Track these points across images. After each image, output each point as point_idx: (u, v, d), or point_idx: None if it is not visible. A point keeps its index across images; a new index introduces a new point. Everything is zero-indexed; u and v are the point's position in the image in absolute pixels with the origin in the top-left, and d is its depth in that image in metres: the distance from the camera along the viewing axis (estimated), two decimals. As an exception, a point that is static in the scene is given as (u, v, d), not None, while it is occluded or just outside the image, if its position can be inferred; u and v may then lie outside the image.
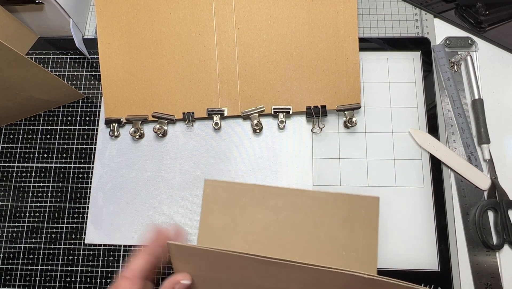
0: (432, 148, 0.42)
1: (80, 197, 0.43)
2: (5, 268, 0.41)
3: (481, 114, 0.42)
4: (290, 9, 0.43)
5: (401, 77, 0.45)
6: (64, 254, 0.41)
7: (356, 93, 0.42)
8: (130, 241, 0.41)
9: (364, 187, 0.42)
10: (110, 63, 0.44)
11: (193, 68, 0.43)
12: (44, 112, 0.46)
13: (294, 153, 0.43)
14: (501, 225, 0.39)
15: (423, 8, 0.47)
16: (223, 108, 0.43)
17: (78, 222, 0.42)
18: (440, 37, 0.46)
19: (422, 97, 0.44)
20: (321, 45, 0.43)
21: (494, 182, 0.41)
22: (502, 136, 0.43)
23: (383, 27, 0.47)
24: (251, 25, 0.43)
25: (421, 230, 0.40)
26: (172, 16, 0.43)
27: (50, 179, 0.43)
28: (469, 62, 0.44)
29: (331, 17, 0.42)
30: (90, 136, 0.45)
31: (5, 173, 0.44)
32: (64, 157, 0.44)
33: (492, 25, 0.46)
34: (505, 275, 0.38)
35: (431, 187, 0.41)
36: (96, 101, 0.46)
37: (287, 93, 0.43)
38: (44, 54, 0.47)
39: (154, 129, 0.43)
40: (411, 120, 0.43)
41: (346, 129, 0.44)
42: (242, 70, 0.43)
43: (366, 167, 0.42)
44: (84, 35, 0.48)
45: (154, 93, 0.44)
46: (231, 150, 0.43)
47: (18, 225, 0.42)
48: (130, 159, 0.43)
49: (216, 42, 0.43)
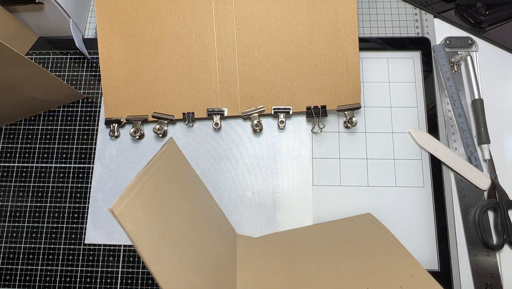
0: (432, 148, 0.42)
1: (80, 197, 0.43)
2: (5, 268, 0.41)
3: (481, 114, 0.42)
4: (290, 9, 0.43)
5: (401, 77, 0.45)
6: (64, 254, 0.41)
7: (356, 93, 0.42)
8: (130, 241, 0.41)
9: (364, 187, 0.42)
10: (110, 63, 0.44)
11: (193, 69, 0.43)
12: (44, 112, 0.46)
13: (294, 153, 0.43)
14: (501, 225, 0.39)
15: (423, 8, 0.47)
16: (223, 109, 0.43)
17: (78, 222, 0.42)
18: (440, 37, 0.46)
19: (422, 97, 0.44)
20: (321, 45, 0.43)
21: (494, 182, 0.41)
22: (502, 136, 0.43)
23: (383, 27, 0.47)
24: (251, 25, 0.43)
25: (421, 230, 0.40)
26: (172, 16, 0.43)
27: (50, 179, 0.43)
28: (469, 62, 0.44)
29: (331, 17, 0.42)
30: (90, 136, 0.45)
31: (5, 173, 0.44)
32: (64, 157, 0.44)
33: (492, 25, 0.46)
34: (505, 275, 0.38)
35: (431, 187, 0.41)
36: (96, 101, 0.46)
37: (287, 94, 0.43)
38: (44, 54, 0.47)
39: (154, 129, 0.43)
40: (411, 120, 0.43)
41: (346, 129, 0.44)
42: (242, 70, 0.43)
43: (366, 167, 0.42)
44: (84, 35, 0.48)
45: (154, 94, 0.44)
46: (231, 149, 0.43)
47: (18, 225, 0.42)
48: (130, 159, 0.43)
49: (216, 42, 0.43)
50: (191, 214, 0.30)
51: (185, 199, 0.31)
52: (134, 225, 0.23)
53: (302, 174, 0.42)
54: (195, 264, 0.27)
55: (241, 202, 0.41)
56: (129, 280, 0.40)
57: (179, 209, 0.29)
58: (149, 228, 0.24)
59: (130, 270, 0.40)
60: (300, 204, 0.41)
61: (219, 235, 0.35)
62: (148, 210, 0.25)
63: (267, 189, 0.42)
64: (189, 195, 0.32)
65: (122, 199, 0.23)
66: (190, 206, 0.31)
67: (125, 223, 0.22)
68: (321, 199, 0.41)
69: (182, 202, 0.30)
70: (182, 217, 0.28)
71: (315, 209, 0.41)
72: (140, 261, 0.40)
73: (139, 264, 0.40)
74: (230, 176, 0.42)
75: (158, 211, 0.26)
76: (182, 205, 0.30)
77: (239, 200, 0.42)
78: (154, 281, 0.39)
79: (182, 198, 0.31)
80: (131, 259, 0.40)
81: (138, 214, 0.24)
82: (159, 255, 0.24)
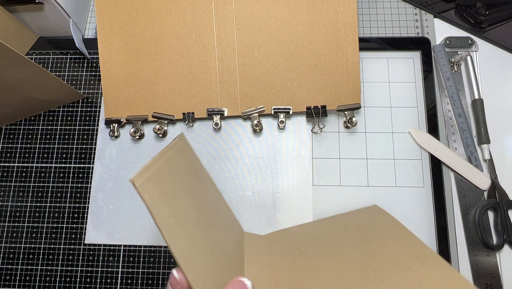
0: (432, 148, 0.42)
1: (80, 197, 0.43)
2: (5, 268, 0.41)
3: (481, 114, 0.42)
4: (290, 9, 0.43)
5: (401, 77, 0.45)
6: (64, 254, 0.41)
7: (356, 93, 0.42)
8: (130, 241, 0.41)
9: (364, 187, 0.42)
10: (110, 63, 0.44)
11: (193, 69, 0.43)
12: (44, 112, 0.46)
13: (294, 153, 0.43)
14: (501, 225, 0.39)
15: (423, 8, 0.47)
16: (223, 109, 0.43)
17: (78, 222, 0.42)
18: (440, 37, 0.46)
19: (422, 97, 0.44)
20: (321, 45, 0.43)
21: (494, 182, 0.41)
22: (502, 136, 0.43)
23: (383, 27, 0.47)
24: (251, 25, 0.43)
25: (421, 230, 0.40)
26: (172, 16, 0.43)
27: (50, 179, 0.43)
28: (469, 62, 0.44)
29: (331, 17, 0.42)
30: (90, 136, 0.45)
31: (5, 173, 0.44)
32: (64, 157, 0.44)
33: (492, 25, 0.46)
34: (505, 275, 0.38)
35: (431, 187, 0.41)
36: (96, 101, 0.46)
37: (287, 93, 0.43)
38: (44, 54, 0.47)
39: (154, 129, 0.43)
40: (411, 120, 0.43)
41: (346, 129, 0.44)
42: (242, 70, 0.43)
43: (366, 167, 0.42)
44: (84, 35, 0.48)
45: (154, 94, 0.44)
46: (231, 149, 0.43)
47: (18, 225, 0.42)
48: (130, 159, 0.43)
49: (216, 43, 0.43)
50: (202, 204, 0.31)
51: (197, 189, 0.31)
52: (152, 199, 0.23)
53: (302, 174, 0.42)
54: (207, 248, 0.27)
55: (241, 202, 0.41)
56: (129, 280, 0.40)
57: (192, 197, 0.29)
58: (165, 207, 0.24)
59: (130, 270, 0.40)
60: (300, 204, 0.41)
61: (228, 228, 0.35)
62: (164, 190, 0.25)
63: (267, 189, 0.42)
64: (200, 186, 0.33)
65: (142, 173, 0.23)
66: (201, 197, 0.31)
67: (145, 196, 0.22)
68: (321, 199, 0.41)
69: (194, 192, 0.30)
70: (193, 205, 0.29)
71: (315, 209, 0.41)
72: (140, 261, 0.40)
73: (139, 264, 0.40)
74: (230, 176, 0.42)
75: (171, 195, 0.26)
76: (194, 194, 0.30)
77: (239, 200, 0.42)
78: (154, 281, 0.39)
79: (194, 187, 0.31)
80: (131, 259, 0.40)
81: (155, 191, 0.24)
82: (174, 232, 0.24)
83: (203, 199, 0.32)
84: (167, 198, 0.25)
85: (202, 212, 0.30)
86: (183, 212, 0.26)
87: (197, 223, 0.28)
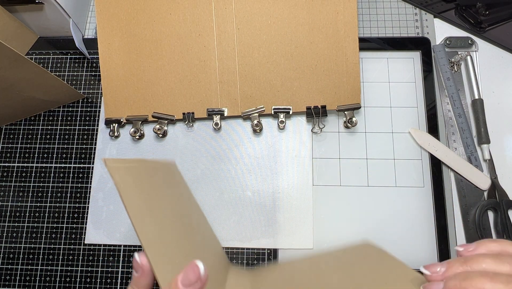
0: (432, 148, 0.42)
1: (80, 197, 0.43)
2: (5, 268, 0.41)
3: (481, 114, 0.42)
4: (290, 9, 0.43)
5: (401, 77, 0.45)
6: (64, 254, 0.41)
7: (356, 93, 0.42)
8: (130, 241, 0.41)
9: (364, 187, 0.42)
10: (110, 63, 0.44)
11: (193, 69, 0.43)
12: (44, 112, 0.46)
13: (294, 153, 0.43)
14: (501, 225, 0.39)
15: (423, 8, 0.47)
16: (223, 109, 0.43)
17: (78, 222, 0.42)
18: (440, 37, 0.46)
19: (422, 97, 0.44)
20: (321, 45, 0.43)
21: (494, 182, 0.41)
22: (502, 136, 0.43)
23: (383, 27, 0.47)
24: (251, 25, 0.43)
25: (421, 230, 0.40)
26: (172, 16, 0.43)
27: (50, 179, 0.43)
28: (469, 62, 0.44)
29: (331, 17, 0.42)
30: (90, 136, 0.45)
31: (5, 173, 0.44)
32: (64, 157, 0.44)
33: (492, 25, 0.46)
34: (505, 275, 0.38)
35: (431, 187, 0.41)
36: (96, 101, 0.46)
37: (287, 93, 0.43)
38: (44, 54, 0.47)
39: (154, 129, 0.43)
40: (411, 120, 0.43)
41: (346, 129, 0.44)
42: (242, 70, 0.43)
43: (366, 167, 0.42)
44: (84, 35, 0.48)
45: (154, 94, 0.44)
46: (231, 149, 0.43)
47: (18, 225, 0.42)
48: (130, 159, 0.43)
49: (216, 43, 0.43)
50: (180, 214, 0.29)
51: (177, 203, 0.30)
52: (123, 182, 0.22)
53: (302, 174, 0.42)
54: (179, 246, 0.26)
55: (241, 202, 0.41)
56: (129, 280, 0.40)
57: (170, 205, 0.28)
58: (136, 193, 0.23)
59: (130, 270, 0.40)
60: (300, 204, 0.41)
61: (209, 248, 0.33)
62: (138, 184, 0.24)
63: (267, 189, 0.42)
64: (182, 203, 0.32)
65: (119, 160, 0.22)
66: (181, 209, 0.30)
67: (115, 175, 0.21)
68: (321, 199, 0.41)
69: (173, 203, 0.29)
70: (171, 210, 0.28)
71: (315, 209, 0.41)
72: (140, 261, 0.40)
73: (139, 264, 0.40)
74: (230, 176, 0.42)
75: (146, 190, 0.25)
76: (172, 204, 0.29)
77: (239, 200, 0.42)
78: (154, 281, 0.39)
79: (174, 200, 0.30)
80: (131, 259, 0.40)
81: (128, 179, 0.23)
82: (142, 216, 0.23)
83: (183, 212, 0.31)
84: (140, 189, 0.24)
85: (178, 218, 0.29)
86: (156, 206, 0.25)
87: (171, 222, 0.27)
